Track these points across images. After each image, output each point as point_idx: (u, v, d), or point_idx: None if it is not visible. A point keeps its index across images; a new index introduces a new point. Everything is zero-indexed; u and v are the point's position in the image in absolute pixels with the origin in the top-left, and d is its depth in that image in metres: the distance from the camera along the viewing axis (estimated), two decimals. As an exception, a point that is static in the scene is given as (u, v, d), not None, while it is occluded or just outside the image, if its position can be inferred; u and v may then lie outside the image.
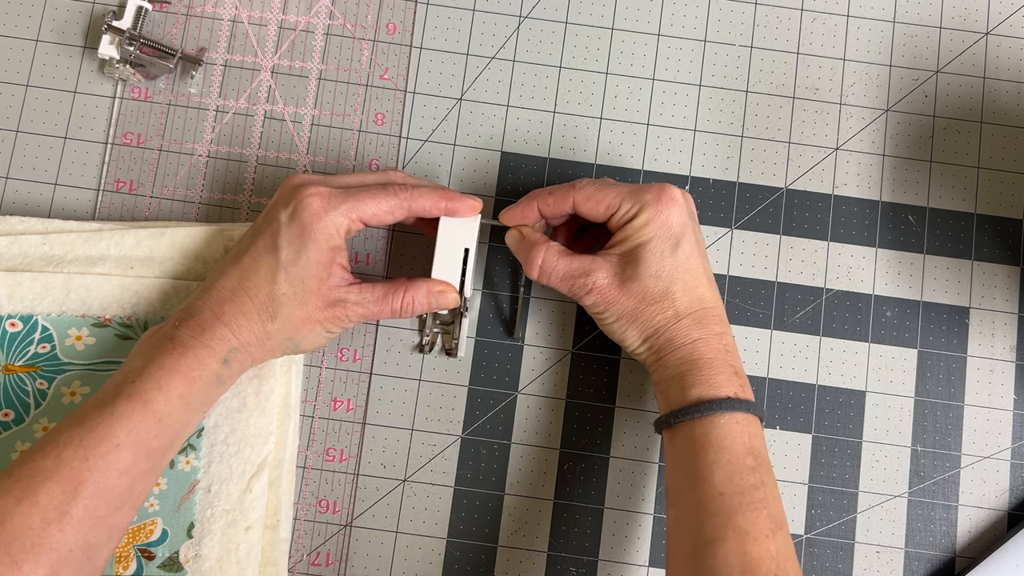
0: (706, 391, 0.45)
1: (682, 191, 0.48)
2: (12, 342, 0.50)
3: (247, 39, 0.57)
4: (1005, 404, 0.54)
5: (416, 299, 0.48)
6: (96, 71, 0.56)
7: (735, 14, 0.57)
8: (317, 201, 0.46)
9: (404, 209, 0.48)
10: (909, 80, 0.57)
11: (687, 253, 0.47)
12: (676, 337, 0.46)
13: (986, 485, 0.53)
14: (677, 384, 0.46)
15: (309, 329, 0.47)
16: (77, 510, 0.41)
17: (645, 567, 0.52)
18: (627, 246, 0.47)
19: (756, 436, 0.44)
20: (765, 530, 0.42)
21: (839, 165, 0.56)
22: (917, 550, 0.52)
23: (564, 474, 0.53)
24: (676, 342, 0.46)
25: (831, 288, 0.55)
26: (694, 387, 0.45)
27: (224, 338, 0.45)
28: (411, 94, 0.56)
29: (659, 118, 0.56)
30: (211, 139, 0.56)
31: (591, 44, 0.57)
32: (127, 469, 0.42)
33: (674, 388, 0.46)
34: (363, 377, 0.54)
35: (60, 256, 0.51)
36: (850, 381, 0.54)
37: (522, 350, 0.54)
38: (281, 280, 0.46)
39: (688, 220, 0.47)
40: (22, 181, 0.55)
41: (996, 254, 0.55)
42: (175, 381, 0.44)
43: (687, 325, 0.46)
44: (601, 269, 0.47)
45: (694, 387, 0.45)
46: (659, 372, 0.47)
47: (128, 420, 0.42)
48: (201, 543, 0.49)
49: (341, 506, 0.53)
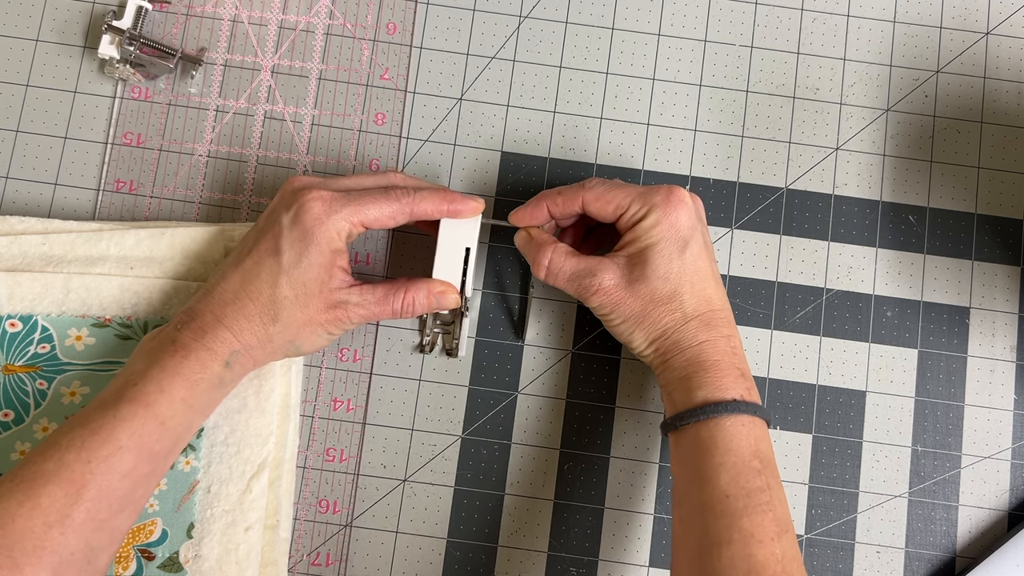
0: (712, 393, 0.45)
1: (691, 193, 0.48)
2: (12, 342, 0.50)
3: (247, 39, 0.57)
4: (1005, 404, 0.54)
5: (417, 300, 0.48)
6: (96, 71, 0.56)
7: (735, 14, 0.57)
8: (319, 205, 0.46)
9: (406, 214, 0.48)
10: (909, 80, 0.57)
11: (695, 255, 0.47)
12: (683, 339, 0.46)
13: (986, 485, 0.53)
14: (683, 386, 0.46)
15: (310, 331, 0.47)
16: (79, 513, 0.41)
17: (645, 567, 0.52)
18: (635, 247, 0.47)
19: (762, 439, 0.44)
20: (771, 533, 0.42)
21: (839, 165, 0.56)
22: (917, 550, 0.52)
23: (564, 474, 0.53)
24: (683, 344, 0.46)
25: (831, 288, 0.55)
26: (700, 389, 0.45)
27: (226, 341, 0.45)
28: (411, 94, 0.56)
29: (659, 118, 0.56)
30: (211, 139, 0.56)
31: (591, 44, 0.57)
32: (129, 472, 0.42)
33: (680, 390, 0.46)
34: (363, 377, 0.54)
35: (60, 256, 0.51)
36: (850, 381, 0.54)
37: (522, 350, 0.54)
38: (283, 283, 0.46)
39: (696, 222, 0.47)
40: (22, 181, 0.55)
41: (996, 254, 0.55)
42: (177, 384, 0.44)
43: (694, 327, 0.46)
44: (608, 270, 0.47)
45: (700, 389, 0.45)
46: (665, 374, 0.47)
47: (130, 423, 0.42)
48: (201, 543, 0.49)
49: (341, 506, 0.53)
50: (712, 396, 0.45)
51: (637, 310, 0.47)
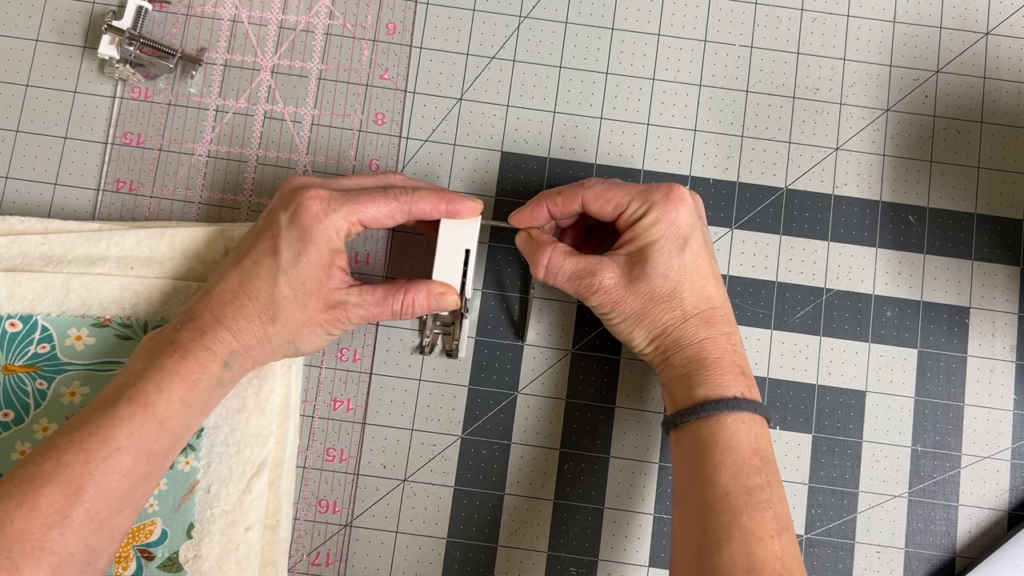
0: (712, 391, 0.45)
1: (691, 191, 0.48)
2: (12, 342, 0.50)
3: (247, 39, 0.57)
4: (1005, 404, 0.54)
5: (416, 301, 0.48)
6: (96, 71, 0.56)
7: (735, 14, 0.57)
8: (317, 204, 0.46)
9: (404, 213, 0.48)
10: (909, 80, 0.57)
11: (695, 253, 0.47)
12: (683, 337, 0.46)
13: (986, 485, 0.53)
14: (684, 384, 0.46)
15: (310, 331, 0.47)
16: (78, 514, 0.41)
17: (645, 567, 0.52)
18: (635, 246, 0.47)
19: (762, 437, 0.44)
20: (771, 530, 0.42)
21: (839, 165, 0.56)
22: (917, 550, 0.52)
23: (564, 474, 0.53)
24: (683, 342, 0.46)
25: (831, 288, 0.55)
26: (701, 387, 0.45)
27: (225, 341, 0.45)
28: (411, 94, 0.56)
29: (659, 118, 0.56)
30: (211, 139, 0.56)
31: (591, 44, 0.57)
32: (128, 472, 0.42)
33: (680, 388, 0.46)
34: (363, 377, 0.54)
35: (60, 256, 0.51)
36: (850, 381, 0.54)
37: (522, 350, 0.54)
38: (281, 283, 0.45)
39: (696, 220, 0.47)
40: (22, 181, 0.55)
41: (996, 254, 0.55)
42: (176, 384, 0.44)
43: (694, 325, 0.46)
44: (608, 269, 0.47)
45: (701, 387, 0.45)
46: (666, 372, 0.47)
47: (129, 423, 0.42)
48: (201, 543, 0.49)
49: (341, 506, 0.53)
50: (712, 394, 0.45)
51: (637, 308, 0.47)
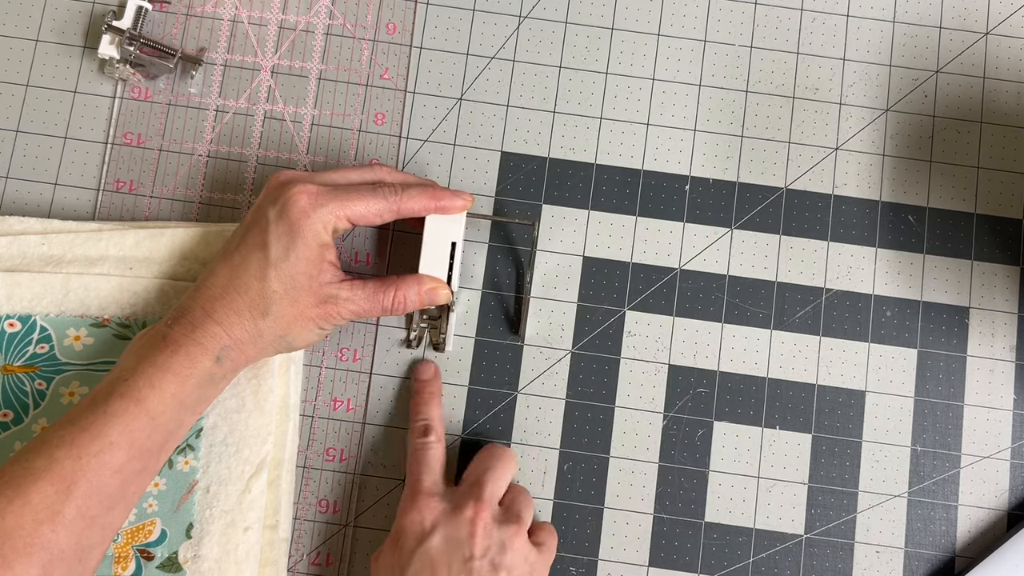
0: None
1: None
2: (11, 342, 0.50)
3: (247, 39, 0.57)
4: (1005, 404, 0.54)
5: (408, 296, 0.48)
6: (96, 71, 0.56)
7: (735, 14, 0.57)
8: (304, 198, 0.46)
9: (393, 212, 0.48)
10: (909, 80, 0.57)
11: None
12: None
13: (986, 485, 0.53)
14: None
15: (301, 326, 0.47)
16: (69, 510, 0.41)
17: (645, 567, 0.52)
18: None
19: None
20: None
21: (839, 165, 0.56)
22: (917, 550, 0.52)
23: (564, 474, 0.53)
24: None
25: (831, 288, 0.55)
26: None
27: (216, 336, 0.45)
28: (411, 94, 0.56)
29: (659, 118, 0.56)
30: (211, 139, 0.56)
31: (591, 44, 0.57)
32: (120, 468, 0.42)
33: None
34: (363, 377, 0.54)
35: (59, 256, 0.51)
36: (850, 381, 0.54)
37: (522, 350, 0.54)
38: (271, 277, 0.46)
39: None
40: (22, 181, 0.55)
41: (996, 254, 0.55)
42: (168, 379, 0.44)
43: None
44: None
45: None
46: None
47: (121, 419, 0.42)
48: (200, 543, 0.49)
49: (341, 506, 0.53)
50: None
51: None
